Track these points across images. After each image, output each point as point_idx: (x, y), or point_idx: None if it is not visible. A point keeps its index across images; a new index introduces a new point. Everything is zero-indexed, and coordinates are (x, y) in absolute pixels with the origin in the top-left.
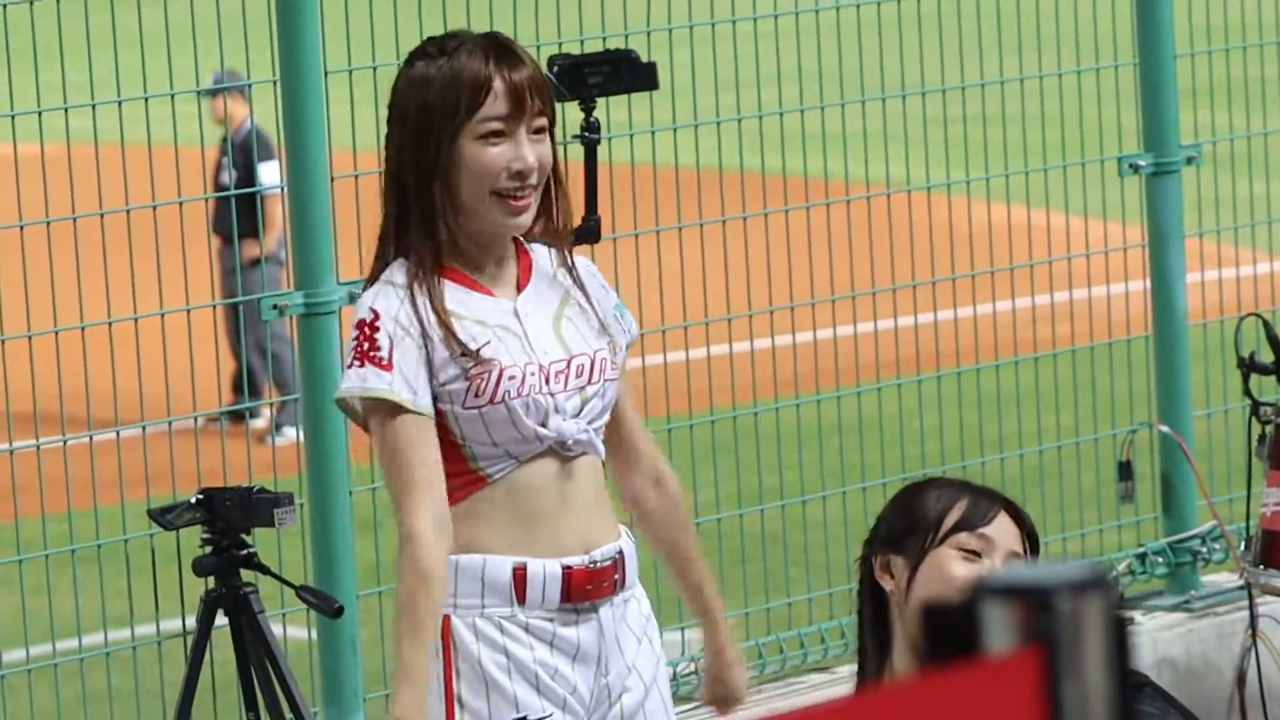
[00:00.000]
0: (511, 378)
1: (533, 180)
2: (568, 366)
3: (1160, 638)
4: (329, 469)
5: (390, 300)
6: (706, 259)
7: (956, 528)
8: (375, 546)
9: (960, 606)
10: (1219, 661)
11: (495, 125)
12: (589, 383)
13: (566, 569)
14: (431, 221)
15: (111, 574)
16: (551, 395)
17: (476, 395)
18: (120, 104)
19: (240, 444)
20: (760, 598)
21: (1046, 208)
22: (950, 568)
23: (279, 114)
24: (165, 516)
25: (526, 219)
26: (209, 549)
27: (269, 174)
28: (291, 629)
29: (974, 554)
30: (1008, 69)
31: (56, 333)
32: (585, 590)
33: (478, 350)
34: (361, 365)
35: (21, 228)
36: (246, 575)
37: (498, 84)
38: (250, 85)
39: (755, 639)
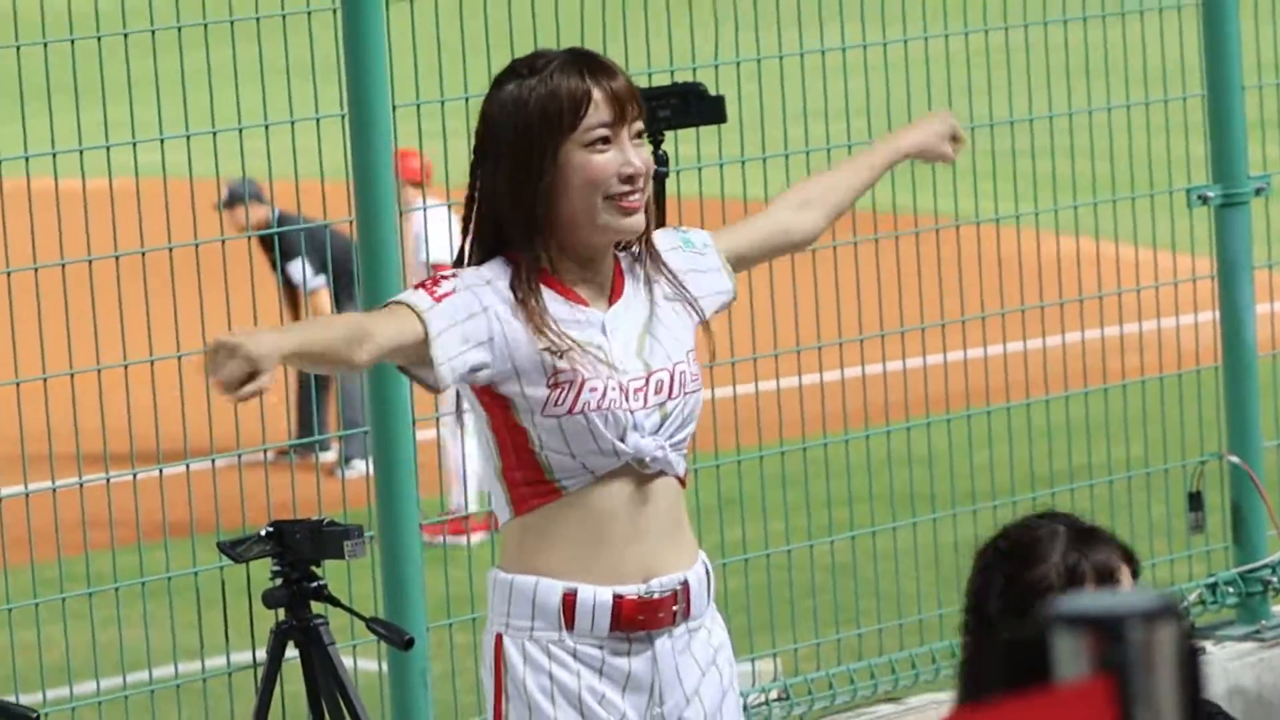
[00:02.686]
0: (593, 389)
1: (640, 183)
2: (646, 384)
3: (1231, 667)
4: (399, 501)
5: (488, 270)
6: (775, 291)
7: None
8: (445, 579)
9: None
10: None
11: (602, 132)
12: (669, 397)
13: (618, 598)
14: (530, 238)
15: (181, 607)
16: (631, 411)
17: (556, 405)
18: (189, 139)
19: (310, 477)
20: (831, 629)
21: (1115, 239)
22: None
23: (347, 148)
24: (235, 549)
25: (640, 219)
26: (279, 581)
27: (296, 271)
28: (362, 661)
29: None
30: (1075, 101)
31: (125, 366)
32: (636, 620)
33: (563, 352)
34: (415, 290)
35: (90, 262)
36: (317, 607)
37: (597, 94)
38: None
39: (825, 669)
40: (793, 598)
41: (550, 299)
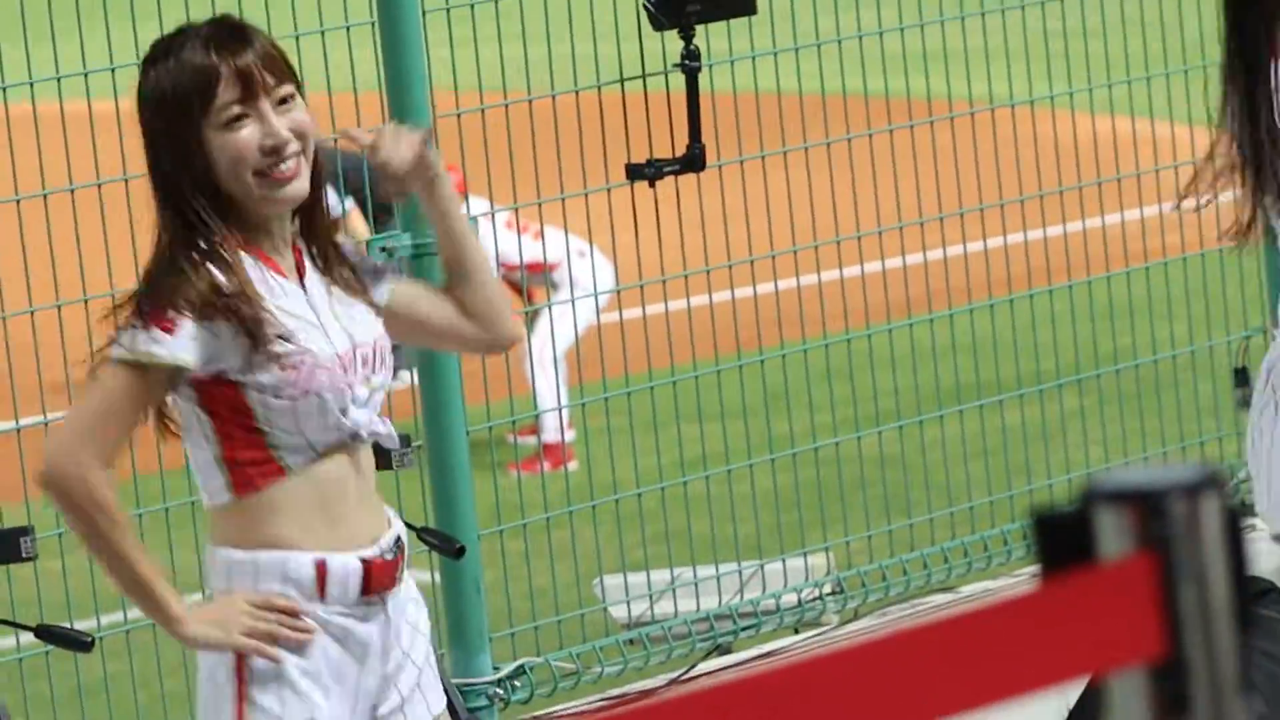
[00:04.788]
0: (324, 368)
1: (292, 148)
2: (354, 355)
3: None
4: (445, 409)
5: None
6: (814, 182)
7: None
8: (494, 486)
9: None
10: None
11: (235, 110)
12: (373, 371)
13: (365, 561)
14: (202, 220)
15: None
16: (350, 386)
17: (292, 386)
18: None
19: None
20: (882, 520)
21: (1151, 117)
22: None
23: (378, 55)
24: None
25: (299, 186)
26: None
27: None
28: (414, 572)
29: None
30: None
31: None
32: (382, 582)
33: (290, 337)
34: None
35: (127, 181)
36: None
37: (224, 70)
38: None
39: (878, 561)
40: (843, 491)
41: (254, 268)
